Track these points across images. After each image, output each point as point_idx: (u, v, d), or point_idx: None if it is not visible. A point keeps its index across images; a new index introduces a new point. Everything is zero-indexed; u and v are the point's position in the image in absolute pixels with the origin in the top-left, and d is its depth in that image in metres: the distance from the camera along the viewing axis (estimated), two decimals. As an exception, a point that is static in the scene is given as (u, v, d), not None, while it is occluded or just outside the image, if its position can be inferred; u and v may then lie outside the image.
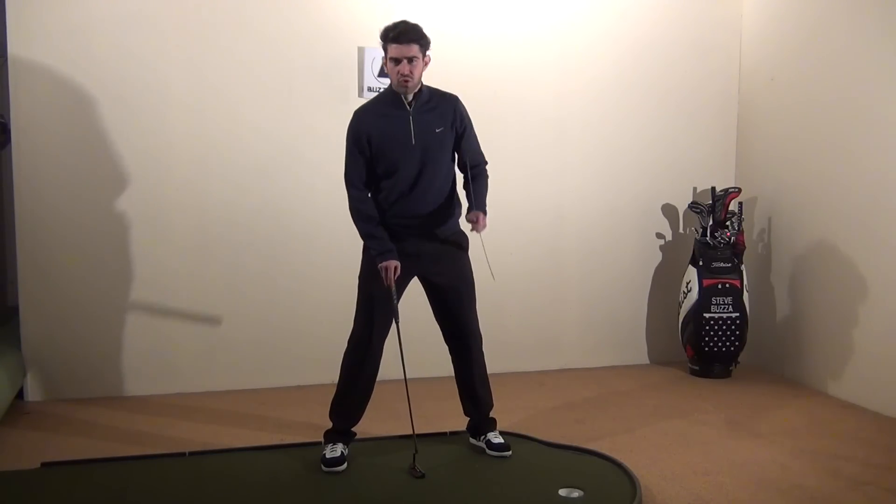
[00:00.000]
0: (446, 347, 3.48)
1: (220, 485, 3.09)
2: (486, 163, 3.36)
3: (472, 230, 3.22)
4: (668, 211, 5.17)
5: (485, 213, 3.23)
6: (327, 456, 3.23)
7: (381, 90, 4.43)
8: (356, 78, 4.52)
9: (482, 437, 3.43)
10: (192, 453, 3.40)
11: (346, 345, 4.52)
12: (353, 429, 3.36)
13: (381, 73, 4.52)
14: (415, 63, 3.08)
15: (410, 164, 3.16)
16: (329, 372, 4.56)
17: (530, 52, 4.80)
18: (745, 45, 5.15)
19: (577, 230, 4.99)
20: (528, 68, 4.80)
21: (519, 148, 4.81)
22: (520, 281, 4.83)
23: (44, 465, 3.26)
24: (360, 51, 4.50)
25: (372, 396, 3.37)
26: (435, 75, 3.27)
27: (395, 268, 3.14)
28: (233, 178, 4.41)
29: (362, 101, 4.39)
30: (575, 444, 3.49)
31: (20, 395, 4.15)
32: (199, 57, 4.31)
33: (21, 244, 4.16)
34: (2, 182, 4.68)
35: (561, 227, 4.97)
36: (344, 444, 3.30)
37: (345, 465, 3.21)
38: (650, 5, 4.98)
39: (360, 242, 4.48)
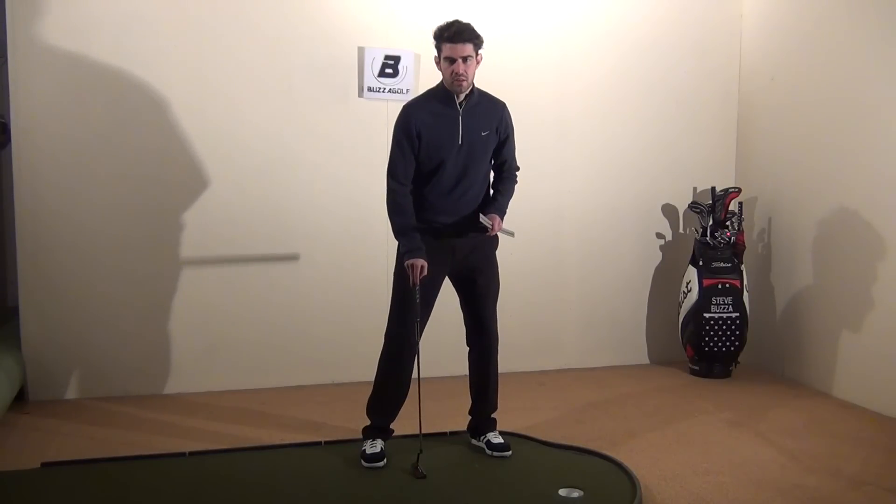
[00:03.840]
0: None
1: (220, 485, 3.09)
2: (519, 169, 3.42)
3: (481, 226, 3.21)
4: (668, 211, 5.17)
5: (502, 216, 3.28)
6: (367, 451, 3.25)
7: (385, 90, 4.49)
8: (356, 78, 4.50)
9: (482, 437, 3.44)
10: (192, 453, 3.40)
11: (345, 345, 4.57)
12: (391, 426, 3.38)
13: (381, 73, 4.52)
14: (469, 62, 3.10)
15: (454, 165, 3.18)
16: (329, 372, 4.60)
17: (531, 52, 4.80)
18: (745, 45, 5.15)
19: (577, 230, 4.99)
20: (529, 69, 4.79)
21: (519, 148, 4.75)
22: (520, 281, 4.82)
23: (44, 465, 3.26)
24: (360, 51, 4.49)
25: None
26: (435, 75, 3.27)
27: (423, 267, 3.13)
28: (233, 178, 4.40)
29: (362, 102, 4.45)
30: (575, 444, 3.50)
31: (20, 395, 4.15)
32: (199, 57, 4.31)
33: (21, 244, 4.16)
34: (2, 182, 4.68)
35: (561, 227, 4.96)
36: (383, 439, 3.33)
37: (384, 461, 3.22)
38: (651, 6, 4.98)
39: (361, 242, 4.54)
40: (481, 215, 3.20)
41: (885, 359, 4.06)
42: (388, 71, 4.52)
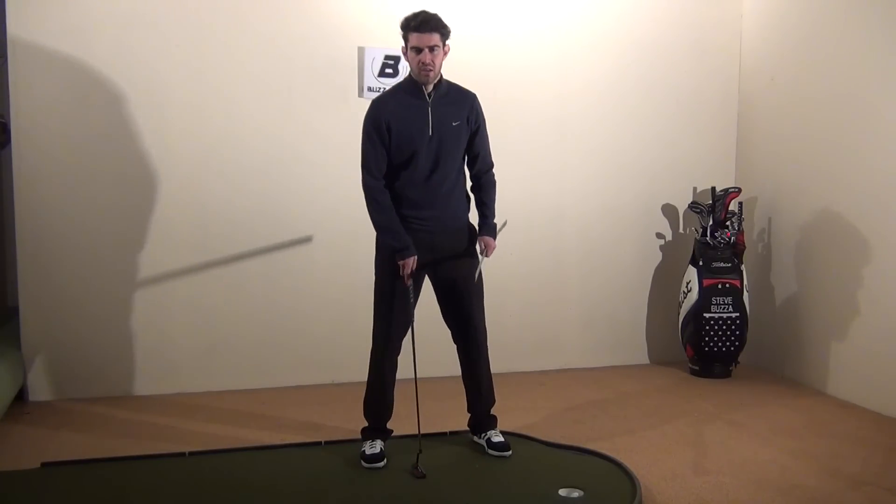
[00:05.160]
0: (445, 347, 3.48)
1: (220, 485, 3.09)
2: (493, 166, 3.40)
3: (481, 253, 3.27)
4: (668, 211, 5.17)
5: (494, 232, 3.32)
6: (367, 452, 3.25)
7: (383, 89, 4.49)
8: (356, 78, 4.52)
9: (483, 434, 3.44)
10: (192, 453, 3.40)
11: (345, 345, 4.57)
12: (388, 425, 3.39)
13: (381, 73, 4.53)
14: (436, 52, 3.09)
15: (426, 156, 3.18)
16: (329, 372, 4.60)
17: (530, 52, 4.80)
18: (745, 45, 5.15)
19: (577, 230, 4.99)
20: (529, 68, 4.80)
21: (519, 148, 4.80)
22: (520, 281, 4.83)
23: (44, 465, 3.27)
24: (360, 51, 4.50)
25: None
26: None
27: (414, 263, 3.16)
28: (233, 178, 4.40)
29: (362, 102, 4.45)
30: (575, 444, 3.50)
31: (20, 395, 4.15)
32: (199, 57, 4.31)
33: (21, 244, 4.16)
34: (2, 182, 4.68)
35: (561, 227, 4.96)
36: (382, 440, 3.33)
37: (384, 461, 3.23)
38: (650, 6, 4.98)
39: (361, 242, 4.52)
40: (478, 269, 3.26)
41: (885, 359, 4.06)
42: (388, 71, 4.53)
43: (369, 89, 4.50)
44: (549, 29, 4.83)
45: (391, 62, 4.52)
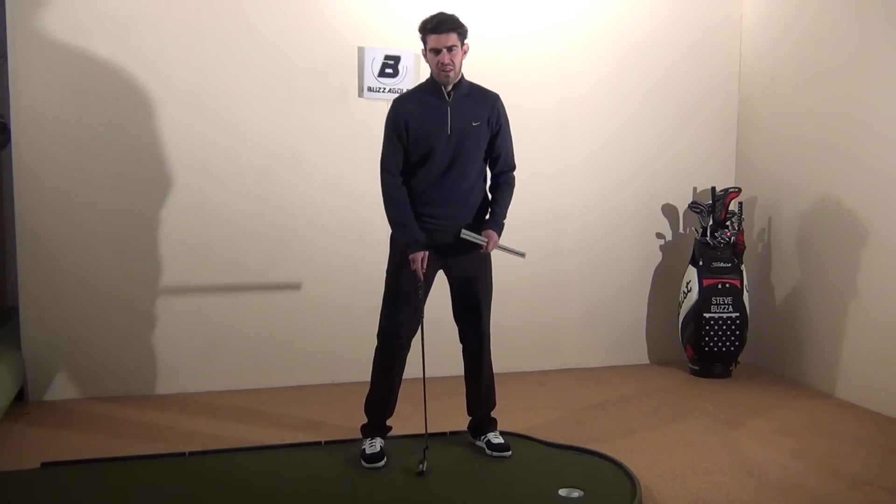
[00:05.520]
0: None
1: (220, 485, 3.09)
2: (515, 168, 3.40)
3: (482, 249, 3.25)
4: (668, 211, 5.17)
5: (500, 230, 3.29)
6: (367, 452, 3.25)
7: (385, 90, 4.50)
8: (356, 78, 4.52)
9: (483, 437, 3.44)
10: (192, 453, 3.40)
11: (345, 345, 4.57)
12: (388, 423, 3.39)
13: (381, 73, 4.53)
14: (454, 52, 3.11)
15: (444, 154, 3.18)
16: (329, 372, 4.60)
17: (531, 52, 4.80)
18: (745, 45, 5.15)
19: (577, 230, 4.99)
20: (529, 69, 4.80)
21: (519, 148, 4.74)
22: (520, 281, 4.82)
23: (44, 465, 3.26)
24: (360, 51, 4.50)
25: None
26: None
27: (424, 258, 3.16)
28: (233, 178, 4.40)
29: (362, 102, 4.47)
30: (575, 444, 3.50)
31: (20, 395, 4.15)
32: (199, 57, 4.31)
33: (21, 244, 4.16)
34: (2, 182, 4.68)
35: (561, 227, 4.97)
36: (381, 438, 3.33)
37: (384, 460, 3.23)
38: (651, 6, 4.98)
39: (361, 242, 4.54)
40: (468, 232, 3.19)
41: (886, 359, 4.06)
42: (388, 71, 4.53)
43: (369, 89, 4.51)
44: (550, 30, 4.83)
45: (391, 62, 4.52)
